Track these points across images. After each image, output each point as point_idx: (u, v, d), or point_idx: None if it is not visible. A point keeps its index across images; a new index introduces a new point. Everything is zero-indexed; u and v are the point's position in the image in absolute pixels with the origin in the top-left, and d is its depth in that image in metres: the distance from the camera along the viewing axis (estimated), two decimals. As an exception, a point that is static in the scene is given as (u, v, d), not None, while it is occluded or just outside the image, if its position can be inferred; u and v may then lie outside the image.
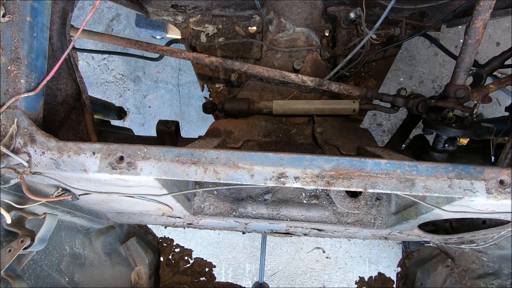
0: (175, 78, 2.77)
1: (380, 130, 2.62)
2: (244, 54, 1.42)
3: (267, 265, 2.53)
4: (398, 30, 1.29)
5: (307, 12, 1.25)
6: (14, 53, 0.73)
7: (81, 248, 1.22)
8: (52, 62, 0.88)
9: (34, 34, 0.76)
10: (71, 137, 1.00)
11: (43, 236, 0.89)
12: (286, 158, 0.70)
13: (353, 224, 1.16)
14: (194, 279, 1.98)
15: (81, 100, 1.04)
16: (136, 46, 1.16)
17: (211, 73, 1.52)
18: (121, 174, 0.70)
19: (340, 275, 2.52)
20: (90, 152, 0.71)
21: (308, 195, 1.17)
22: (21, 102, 0.74)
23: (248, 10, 1.33)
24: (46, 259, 1.02)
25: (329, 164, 0.70)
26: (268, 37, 1.29)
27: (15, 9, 0.73)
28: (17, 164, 0.72)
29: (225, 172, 0.70)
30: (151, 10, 1.38)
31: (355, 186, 0.69)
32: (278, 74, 1.16)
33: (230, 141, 1.17)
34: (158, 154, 0.71)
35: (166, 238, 1.98)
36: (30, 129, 0.73)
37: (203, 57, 1.16)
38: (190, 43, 1.42)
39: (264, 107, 1.23)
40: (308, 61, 1.24)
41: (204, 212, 1.19)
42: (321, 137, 1.15)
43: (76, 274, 1.16)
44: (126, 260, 1.55)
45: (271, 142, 1.18)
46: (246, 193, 1.18)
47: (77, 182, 0.82)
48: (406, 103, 1.13)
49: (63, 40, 0.94)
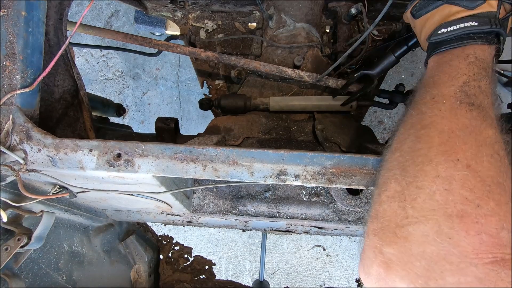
0: (175, 75, 2.75)
1: (381, 128, 2.61)
2: (244, 51, 1.41)
3: (268, 262, 2.53)
4: (400, 26, 1.28)
5: (307, 7, 1.24)
6: (9, 48, 0.72)
7: (79, 246, 1.21)
8: (49, 58, 0.87)
9: (30, 29, 0.74)
10: (69, 134, 0.98)
11: (40, 234, 0.88)
12: (286, 155, 0.69)
13: (354, 222, 1.15)
14: (194, 277, 1.98)
15: (78, 97, 1.02)
16: (132, 41, 1.15)
17: (210, 69, 1.51)
18: (119, 171, 0.69)
19: (341, 273, 2.52)
20: (87, 149, 0.70)
21: (309, 193, 1.16)
22: (16, 98, 0.73)
23: (248, 6, 1.31)
24: (44, 257, 1.01)
25: (330, 161, 0.69)
26: (268, 33, 1.28)
27: (9, 3, 0.71)
28: (13, 161, 0.71)
29: (224, 169, 0.69)
30: (150, 6, 1.37)
31: (357, 183, 0.68)
32: (275, 69, 1.14)
33: (229, 138, 1.16)
34: (156, 151, 0.70)
35: (166, 235, 1.98)
36: (26, 126, 0.72)
37: (199, 51, 1.15)
38: (189, 39, 1.40)
39: (261, 103, 1.22)
40: (309, 57, 1.23)
41: (203, 210, 1.18)
42: (321, 134, 1.14)
43: (74, 272, 1.15)
44: (125, 258, 1.55)
45: (271, 139, 1.17)
46: (246, 191, 1.17)
47: (74, 179, 0.81)
48: (404, 99, 1.11)
49: (60, 35, 0.93)
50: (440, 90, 0.57)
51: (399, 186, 0.53)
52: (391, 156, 0.59)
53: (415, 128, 0.57)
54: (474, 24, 0.59)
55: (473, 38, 0.59)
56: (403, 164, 0.55)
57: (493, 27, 0.58)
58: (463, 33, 0.60)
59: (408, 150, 0.56)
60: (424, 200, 0.49)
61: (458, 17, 0.61)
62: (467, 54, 0.59)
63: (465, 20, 0.60)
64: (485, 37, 0.59)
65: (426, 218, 0.48)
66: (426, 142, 0.54)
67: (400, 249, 0.49)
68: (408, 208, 0.50)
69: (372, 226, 0.55)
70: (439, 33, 0.62)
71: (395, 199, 0.53)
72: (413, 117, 0.59)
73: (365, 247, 0.56)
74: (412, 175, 0.52)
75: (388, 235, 0.51)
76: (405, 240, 0.49)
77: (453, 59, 0.60)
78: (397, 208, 0.52)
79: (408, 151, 0.56)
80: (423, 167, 0.51)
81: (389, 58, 1.02)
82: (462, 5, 0.60)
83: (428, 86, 0.60)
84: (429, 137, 0.54)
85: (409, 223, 0.49)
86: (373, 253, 0.53)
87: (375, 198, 0.58)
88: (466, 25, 0.59)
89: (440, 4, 0.63)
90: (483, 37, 0.59)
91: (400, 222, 0.50)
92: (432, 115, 0.55)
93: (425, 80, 0.63)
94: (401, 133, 0.60)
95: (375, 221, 0.55)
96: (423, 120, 0.56)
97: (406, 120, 0.61)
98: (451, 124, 0.53)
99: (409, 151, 0.55)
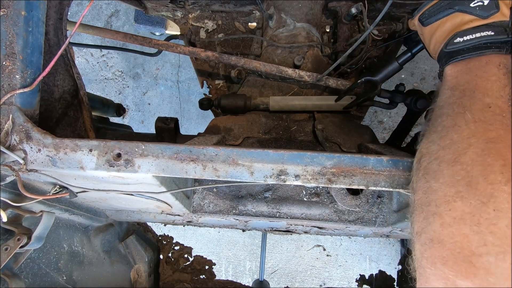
0: (175, 75, 2.75)
1: (382, 128, 2.61)
2: (244, 51, 1.41)
3: (268, 262, 2.53)
4: (400, 26, 1.28)
5: (308, 7, 1.24)
6: (9, 48, 0.72)
7: (79, 246, 1.21)
8: (49, 57, 0.87)
9: (29, 28, 0.74)
10: (69, 134, 0.98)
11: (40, 234, 0.88)
12: (286, 155, 0.69)
13: (354, 222, 1.15)
14: (194, 276, 1.98)
15: (78, 97, 1.02)
16: (132, 40, 1.15)
17: (210, 69, 1.51)
18: (119, 171, 0.69)
19: (341, 273, 2.52)
20: (87, 149, 0.70)
21: (309, 193, 1.16)
22: (16, 98, 0.73)
23: (248, 6, 1.31)
24: (44, 257, 1.01)
25: (330, 161, 0.69)
26: (268, 33, 1.27)
27: (9, 3, 0.71)
28: (12, 161, 0.71)
29: (224, 169, 0.69)
30: (150, 6, 1.37)
31: (357, 183, 0.68)
32: (275, 69, 1.14)
33: (229, 138, 1.16)
34: (156, 151, 0.70)
35: (166, 235, 1.98)
36: (25, 126, 0.72)
37: (199, 51, 1.15)
38: (189, 39, 1.40)
39: (261, 103, 1.22)
40: (309, 57, 1.23)
41: (203, 210, 1.18)
42: (322, 134, 1.13)
43: (74, 273, 1.15)
44: (125, 258, 1.55)
45: (271, 139, 1.17)
46: (246, 191, 1.17)
47: (74, 179, 0.81)
48: (405, 99, 1.11)
49: (60, 35, 0.92)
50: (494, 100, 0.54)
51: (468, 206, 0.47)
52: (448, 168, 0.52)
53: (478, 138, 0.51)
54: (491, 33, 0.57)
55: (490, 47, 0.58)
56: (470, 179, 0.49)
57: (509, 36, 0.57)
58: (480, 43, 0.58)
59: (473, 163, 0.50)
60: (508, 225, 0.43)
61: (472, 26, 0.59)
62: (498, 63, 0.57)
63: (481, 29, 0.58)
64: (503, 47, 0.57)
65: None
66: (499, 158, 0.48)
67: (481, 282, 0.43)
68: (486, 233, 0.44)
69: (437, 252, 0.48)
70: (455, 42, 0.60)
71: (465, 222, 0.47)
72: (471, 124, 0.53)
73: (429, 277, 0.49)
74: (487, 195, 0.46)
75: (463, 265, 0.45)
76: (487, 272, 0.43)
77: (483, 65, 0.57)
78: (469, 232, 0.46)
79: (474, 164, 0.50)
80: (501, 186, 0.46)
81: (393, 65, 1.03)
82: (475, 13, 0.59)
83: (474, 91, 0.56)
84: (500, 153, 0.48)
85: (490, 252, 0.43)
86: (444, 285, 0.46)
87: (431, 219, 0.51)
88: (482, 34, 0.58)
89: (451, 12, 0.62)
90: (501, 46, 0.57)
91: (476, 249, 0.44)
92: (498, 128, 0.51)
93: (461, 84, 0.59)
94: (456, 141, 0.54)
95: (440, 246, 0.48)
96: (487, 131, 0.51)
97: (459, 125, 0.54)
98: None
99: (475, 165, 0.49)
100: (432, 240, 0.50)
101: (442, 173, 0.52)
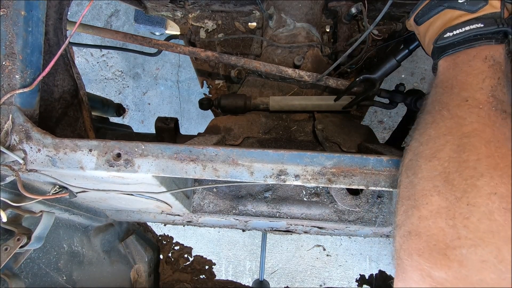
0: (175, 75, 2.75)
1: (382, 127, 2.61)
2: (244, 50, 1.41)
3: (268, 262, 2.53)
4: (400, 26, 1.28)
5: (308, 7, 1.24)
6: (9, 48, 0.72)
7: (79, 246, 1.21)
8: (48, 57, 0.87)
9: (29, 28, 0.74)
10: (69, 134, 0.98)
11: (40, 234, 0.88)
12: (286, 155, 0.69)
13: (354, 222, 1.15)
14: (194, 276, 1.98)
15: (78, 97, 1.02)
16: (131, 40, 1.15)
17: (210, 69, 1.51)
18: (119, 171, 0.69)
19: (341, 273, 2.52)
20: (86, 149, 0.70)
21: (309, 193, 1.16)
22: (16, 98, 0.73)
23: (248, 6, 1.31)
24: (44, 257, 1.01)
25: (330, 161, 0.69)
26: (268, 33, 1.27)
27: (9, 2, 0.71)
28: (12, 161, 0.71)
29: (224, 169, 0.69)
30: (149, 6, 1.37)
31: (357, 183, 0.68)
32: (275, 69, 1.14)
33: (229, 138, 1.16)
34: (156, 151, 0.69)
35: (166, 235, 1.98)
36: (25, 126, 0.72)
37: (199, 51, 1.15)
38: (189, 39, 1.40)
39: (261, 103, 1.22)
40: (309, 57, 1.22)
41: (203, 210, 1.18)
42: (321, 134, 1.13)
43: (74, 273, 1.15)
44: (125, 258, 1.55)
45: (271, 139, 1.17)
46: (246, 191, 1.17)
47: (74, 179, 0.81)
48: (404, 98, 1.11)
49: (60, 35, 0.92)
50: (472, 93, 0.54)
51: (444, 201, 0.49)
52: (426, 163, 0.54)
53: (453, 134, 0.53)
54: (480, 26, 0.58)
55: (480, 39, 0.58)
56: (446, 175, 0.50)
57: (500, 26, 0.57)
58: (469, 35, 0.59)
59: (450, 160, 0.51)
60: (480, 219, 0.45)
61: (462, 20, 0.60)
62: (484, 56, 0.57)
63: (470, 23, 0.59)
64: (493, 37, 0.58)
65: (483, 241, 0.44)
66: (472, 152, 0.49)
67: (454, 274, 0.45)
68: (460, 227, 0.46)
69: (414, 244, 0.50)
70: (445, 37, 0.61)
71: (441, 216, 0.48)
72: (448, 120, 0.54)
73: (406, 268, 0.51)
74: (461, 190, 0.47)
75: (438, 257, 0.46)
76: (460, 264, 0.44)
77: (470, 59, 0.58)
78: (445, 226, 0.47)
79: (450, 161, 0.51)
80: (474, 181, 0.47)
81: (391, 62, 1.03)
82: (463, 8, 0.60)
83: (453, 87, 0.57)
84: (474, 147, 0.49)
85: (463, 245, 0.45)
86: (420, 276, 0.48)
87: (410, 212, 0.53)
88: (472, 27, 0.58)
89: (441, 9, 0.63)
90: (491, 37, 0.58)
91: (450, 242, 0.46)
92: (473, 122, 0.51)
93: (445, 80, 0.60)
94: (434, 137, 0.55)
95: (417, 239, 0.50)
96: (462, 126, 0.52)
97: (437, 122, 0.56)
98: (495, 133, 0.49)
99: (451, 161, 0.51)
100: (410, 232, 0.51)
101: (420, 168, 0.54)
